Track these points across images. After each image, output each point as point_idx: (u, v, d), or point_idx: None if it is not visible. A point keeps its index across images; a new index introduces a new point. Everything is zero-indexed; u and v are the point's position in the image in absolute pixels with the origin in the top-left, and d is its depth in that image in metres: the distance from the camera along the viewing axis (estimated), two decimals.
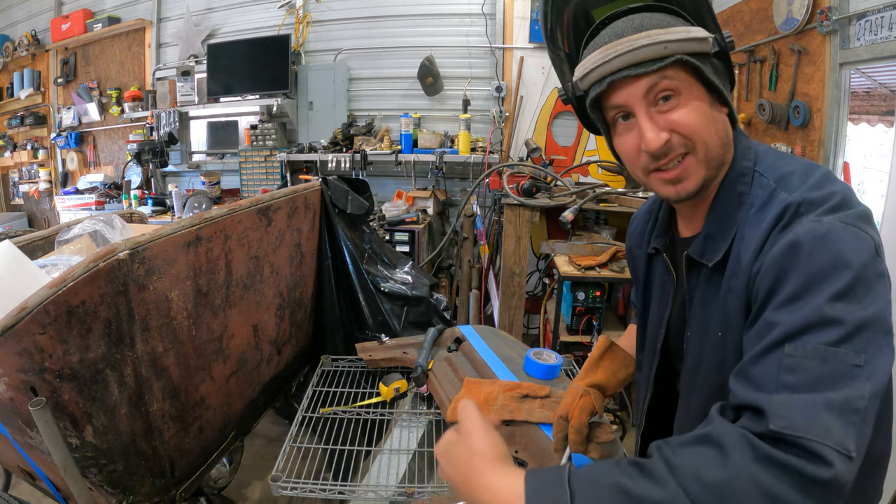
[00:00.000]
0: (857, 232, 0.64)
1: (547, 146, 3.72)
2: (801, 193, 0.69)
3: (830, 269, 0.61)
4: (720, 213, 0.77)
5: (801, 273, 0.62)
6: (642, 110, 0.75)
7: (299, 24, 3.96)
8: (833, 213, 0.65)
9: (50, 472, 1.27)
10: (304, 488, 1.18)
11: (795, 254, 0.63)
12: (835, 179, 0.72)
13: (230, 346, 1.52)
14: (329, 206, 1.99)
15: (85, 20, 4.62)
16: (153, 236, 1.18)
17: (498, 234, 3.12)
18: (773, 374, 0.59)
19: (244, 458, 2.19)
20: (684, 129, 0.73)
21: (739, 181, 0.77)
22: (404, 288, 2.13)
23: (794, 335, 0.59)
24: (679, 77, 0.73)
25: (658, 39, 0.71)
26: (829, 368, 0.57)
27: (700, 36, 0.73)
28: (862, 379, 0.57)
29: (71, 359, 1.05)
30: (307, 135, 4.04)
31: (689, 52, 0.72)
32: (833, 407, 0.55)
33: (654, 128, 0.74)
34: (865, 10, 1.95)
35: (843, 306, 0.59)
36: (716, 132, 0.75)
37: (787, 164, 0.76)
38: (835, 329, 0.58)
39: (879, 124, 2.12)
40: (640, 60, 0.72)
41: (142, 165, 4.44)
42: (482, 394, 1.38)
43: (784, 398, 0.56)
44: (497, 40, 3.66)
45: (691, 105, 0.73)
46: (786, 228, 0.67)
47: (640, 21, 0.74)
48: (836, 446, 0.53)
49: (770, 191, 0.73)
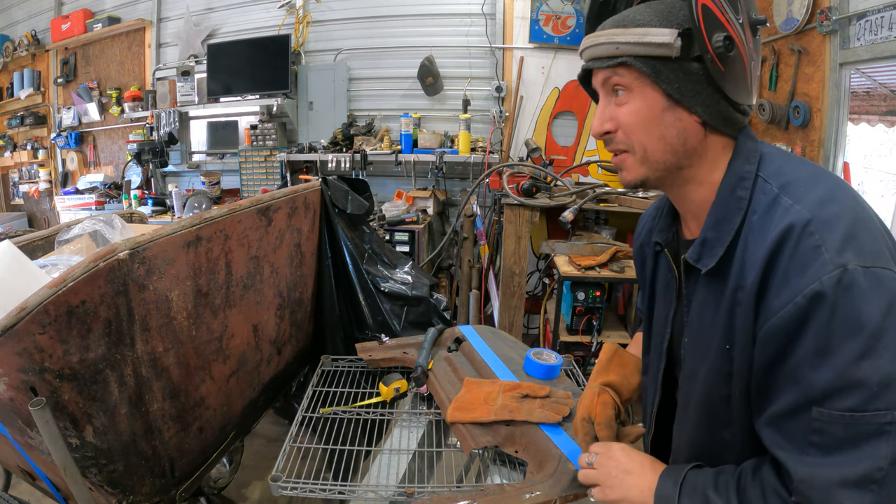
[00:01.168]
0: (880, 275, 0.62)
1: (547, 146, 3.72)
2: (810, 210, 0.66)
3: (854, 326, 0.61)
4: (718, 217, 0.76)
5: (826, 328, 0.62)
6: (602, 97, 0.81)
7: (299, 24, 3.96)
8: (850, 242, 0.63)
9: (50, 472, 1.27)
10: (304, 488, 1.18)
11: (819, 306, 0.62)
12: (843, 190, 0.70)
13: (230, 346, 1.52)
14: (329, 206, 1.99)
15: (85, 20, 4.62)
16: (153, 236, 1.18)
17: (498, 234, 3.12)
18: (801, 437, 0.65)
19: (244, 458, 2.19)
20: (623, 127, 0.78)
21: (739, 185, 0.75)
22: (404, 288, 2.13)
23: (821, 399, 0.62)
24: (629, 77, 0.76)
25: (611, 40, 0.76)
26: (852, 433, 0.61)
27: (656, 41, 0.72)
28: (889, 437, 0.60)
29: (71, 359, 1.05)
30: (307, 135, 4.04)
31: (641, 55, 0.74)
32: (848, 483, 0.61)
33: (600, 115, 0.81)
34: (865, 10, 1.95)
35: (869, 364, 0.60)
36: (660, 136, 0.76)
37: (793, 170, 0.74)
38: (859, 392, 0.60)
39: (879, 124, 2.12)
40: (597, 56, 0.78)
41: (142, 165, 4.44)
42: (482, 394, 1.38)
43: (807, 473, 0.63)
44: (497, 40, 3.66)
45: (636, 105, 0.76)
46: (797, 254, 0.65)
47: (627, 15, 0.77)
48: None
49: (773, 196, 0.71)
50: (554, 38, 3.57)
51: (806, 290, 0.63)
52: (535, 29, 3.56)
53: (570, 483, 1.10)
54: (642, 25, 0.74)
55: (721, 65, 0.72)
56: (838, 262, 0.62)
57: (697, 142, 0.77)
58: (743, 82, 0.75)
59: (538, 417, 1.27)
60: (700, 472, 0.78)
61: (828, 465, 0.62)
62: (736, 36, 0.72)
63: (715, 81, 0.73)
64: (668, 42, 0.72)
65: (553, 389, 1.38)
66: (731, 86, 0.74)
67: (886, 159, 2.16)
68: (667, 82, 0.74)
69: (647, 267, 1.00)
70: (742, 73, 0.74)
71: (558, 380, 1.48)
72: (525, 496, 1.06)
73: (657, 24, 0.73)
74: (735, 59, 0.73)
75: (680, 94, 0.74)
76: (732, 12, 0.72)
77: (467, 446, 1.25)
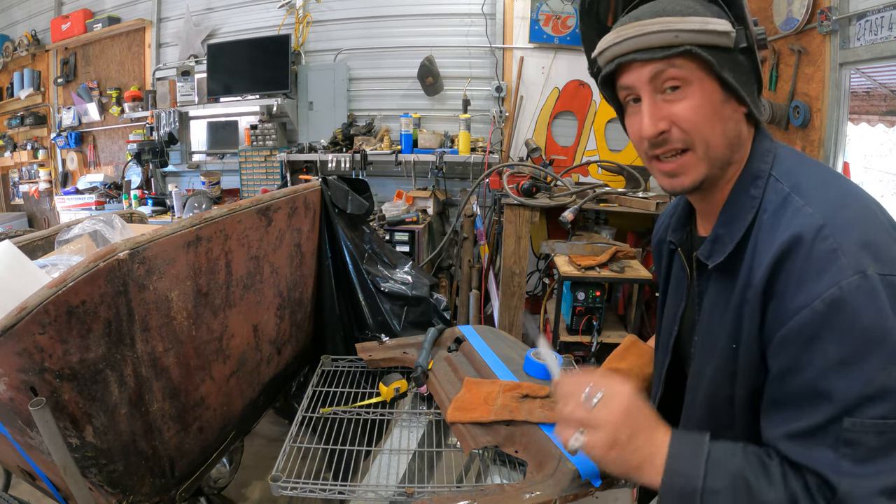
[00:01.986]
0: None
1: (547, 146, 3.72)
2: (822, 213, 0.65)
3: (879, 332, 0.60)
4: (731, 215, 0.75)
5: (849, 335, 0.61)
6: (647, 95, 0.74)
7: (299, 24, 3.96)
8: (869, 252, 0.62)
9: (50, 472, 1.27)
10: (304, 488, 1.18)
11: (840, 312, 0.61)
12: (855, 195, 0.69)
13: (230, 346, 1.52)
14: (329, 206, 1.99)
15: (85, 20, 4.62)
16: (153, 236, 1.18)
17: (498, 234, 3.12)
18: (833, 447, 0.62)
19: (244, 458, 2.19)
20: (685, 123, 0.72)
21: (753, 184, 0.74)
22: (404, 288, 2.13)
23: (852, 409, 0.60)
24: (688, 68, 0.71)
25: (669, 27, 0.70)
26: (886, 440, 0.59)
27: (719, 29, 0.70)
28: None
29: (71, 359, 1.05)
30: (307, 135, 4.04)
31: (703, 44, 0.70)
32: (888, 491, 0.59)
33: (653, 115, 0.73)
34: (865, 10, 1.96)
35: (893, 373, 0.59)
36: (722, 131, 0.73)
37: (805, 171, 0.73)
38: (891, 398, 0.59)
39: (879, 124, 2.12)
40: (648, 46, 0.71)
41: (142, 165, 4.45)
42: (482, 394, 1.38)
43: (850, 484, 0.60)
44: (497, 40, 3.66)
45: (698, 99, 0.71)
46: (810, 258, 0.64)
47: (663, 5, 0.72)
48: None
49: (784, 196, 0.70)
50: (554, 38, 3.57)
51: (825, 294, 0.61)
52: (535, 29, 3.56)
53: (571, 483, 1.10)
54: (691, 14, 0.70)
55: (756, 59, 0.74)
56: (858, 268, 0.61)
57: (745, 135, 0.76)
58: (759, 83, 0.76)
59: (538, 417, 1.27)
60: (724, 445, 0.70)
61: (867, 475, 0.60)
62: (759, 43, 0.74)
63: (756, 73, 0.74)
64: (728, 31, 0.70)
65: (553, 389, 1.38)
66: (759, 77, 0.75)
67: (886, 159, 2.16)
68: (728, 72, 0.71)
69: (662, 264, 0.99)
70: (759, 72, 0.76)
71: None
72: (525, 496, 1.06)
73: (706, 14, 0.71)
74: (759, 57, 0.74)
75: (736, 83, 0.72)
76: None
77: (467, 446, 1.25)
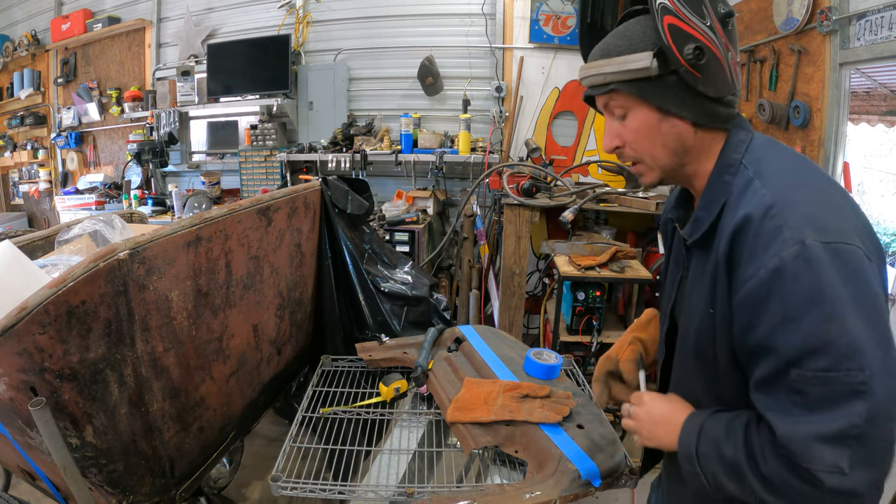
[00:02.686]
0: (839, 249, 0.70)
1: (547, 146, 3.72)
2: (773, 194, 0.76)
3: (816, 294, 0.68)
4: (708, 199, 0.86)
5: (789, 297, 0.70)
6: (606, 118, 0.93)
7: (299, 24, 3.96)
8: (811, 224, 0.71)
9: (50, 472, 1.27)
10: (304, 488, 1.18)
11: (780, 278, 0.70)
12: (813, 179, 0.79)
13: (230, 346, 1.52)
14: (329, 206, 1.99)
15: (85, 20, 4.62)
16: (153, 236, 1.18)
17: (498, 234, 3.12)
18: (785, 398, 0.72)
19: (244, 458, 2.19)
20: (629, 143, 0.90)
21: (727, 171, 0.85)
22: (404, 288, 2.13)
23: (796, 361, 0.70)
24: (622, 99, 0.87)
25: (599, 71, 0.87)
26: (829, 392, 0.68)
27: (636, 67, 0.82)
28: (865, 396, 0.66)
29: (71, 359, 1.05)
30: (307, 135, 4.04)
31: (627, 80, 0.84)
32: (825, 438, 0.68)
33: (608, 133, 0.92)
34: (865, 10, 1.95)
35: (835, 327, 0.67)
36: (662, 145, 0.87)
37: (772, 158, 0.83)
38: (830, 352, 0.67)
39: (879, 124, 2.12)
40: (591, 85, 0.90)
41: (142, 165, 4.44)
42: (482, 394, 1.38)
43: (787, 429, 0.71)
44: (497, 40, 3.66)
45: (635, 123, 0.87)
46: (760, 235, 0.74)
47: (609, 43, 0.87)
48: (827, 469, 0.68)
49: (747, 180, 0.81)
50: (554, 38, 3.57)
51: (768, 264, 0.71)
52: (535, 29, 3.56)
53: (571, 483, 1.10)
54: (623, 53, 0.84)
55: (696, 72, 0.81)
56: (797, 238, 0.70)
57: (693, 140, 0.87)
58: (722, 77, 0.83)
59: (538, 417, 1.27)
60: (716, 419, 0.84)
61: (807, 422, 0.69)
62: (706, 40, 0.80)
63: (693, 87, 0.82)
64: (645, 65, 0.81)
65: (553, 389, 1.38)
66: (710, 86, 0.82)
67: (886, 159, 2.16)
68: (654, 98, 0.84)
69: (667, 240, 1.11)
70: (719, 69, 0.82)
71: (558, 380, 1.48)
72: (525, 496, 1.06)
73: (636, 49, 0.83)
74: (709, 61, 0.80)
75: (668, 105, 0.83)
76: (698, 19, 0.80)
77: (467, 446, 1.25)
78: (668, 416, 0.92)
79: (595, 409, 1.34)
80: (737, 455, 0.77)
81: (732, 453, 0.78)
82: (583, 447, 1.19)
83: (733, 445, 0.78)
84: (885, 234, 2.26)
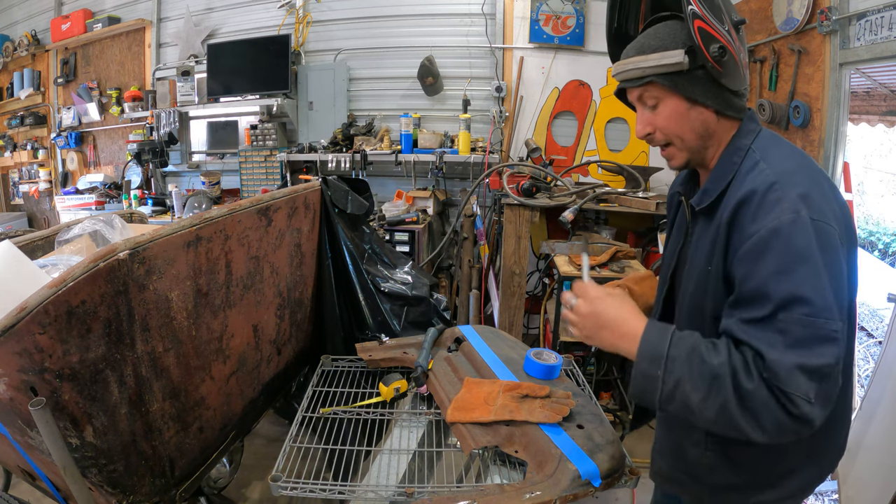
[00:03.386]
0: (822, 227, 0.86)
1: (547, 146, 3.72)
2: (776, 174, 0.91)
3: (804, 254, 0.83)
4: (718, 175, 1.01)
5: (783, 253, 0.84)
6: (638, 109, 1.07)
7: (299, 24, 3.96)
8: (805, 202, 0.86)
9: (50, 472, 1.27)
10: (304, 488, 1.19)
11: (777, 236, 0.85)
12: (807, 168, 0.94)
13: (230, 346, 1.52)
14: (329, 206, 1.99)
15: (85, 20, 4.62)
16: (153, 236, 1.18)
17: (498, 234, 3.12)
18: (773, 332, 0.84)
19: (244, 458, 2.19)
20: (661, 128, 1.04)
21: (736, 153, 1.00)
22: (404, 288, 2.13)
23: (784, 306, 0.83)
24: (656, 90, 1.01)
25: (637, 66, 1.00)
26: (810, 333, 0.82)
27: (671, 62, 0.96)
28: (837, 343, 0.82)
29: (71, 359, 1.05)
30: (307, 135, 4.04)
31: (662, 73, 0.98)
32: (805, 369, 0.81)
33: (641, 121, 1.06)
34: (865, 10, 1.95)
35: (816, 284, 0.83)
36: (690, 129, 1.01)
37: (775, 147, 0.98)
38: (810, 303, 0.82)
39: (879, 124, 2.12)
40: (628, 79, 1.03)
41: (142, 165, 4.44)
42: (482, 394, 1.38)
43: (776, 356, 0.82)
44: (497, 40, 3.66)
45: (667, 111, 1.01)
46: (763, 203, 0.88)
47: (642, 42, 1.01)
48: (803, 395, 0.80)
49: (754, 161, 0.96)
50: (554, 38, 3.57)
51: (769, 224, 0.86)
52: (535, 29, 3.56)
53: (571, 483, 1.10)
54: (658, 50, 0.98)
55: (719, 67, 0.95)
56: (794, 209, 0.86)
57: (715, 126, 1.02)
58: (737, 73, 0.98)
59: (538, 417, 1.27)
60: (689, 333, 0.92)
61: (792, 353, 0.81)
62: (726, 41, 0.94)
63: (717, 80, 0.97)
64: (679, 60, 0.96)
65: (553, 389, 1.38)
66: (729, 80, 0.97)
67: (886, 159, 2.16)
68: (684, 90, 0.98)
69: (671, 211, 1.25)
70: (735, 66, 0.97)
71: (558, 380, 1.48)
72: (525, 496, 1.06)
73: (668, 48, 0.97)
74: (728, 59, 0.95)
75: (696, 95, 0.98)
76: (719, 23, 0.94)
77: (467, 446, 1.25)
78: (619, 322, 0.97)
79: (595, 409, 1.34)
80: (721, 366, 0.85)
81: (717, 362, 0.85)
82: (583, 447, 1.19)
83: (718, 356, 0.86)
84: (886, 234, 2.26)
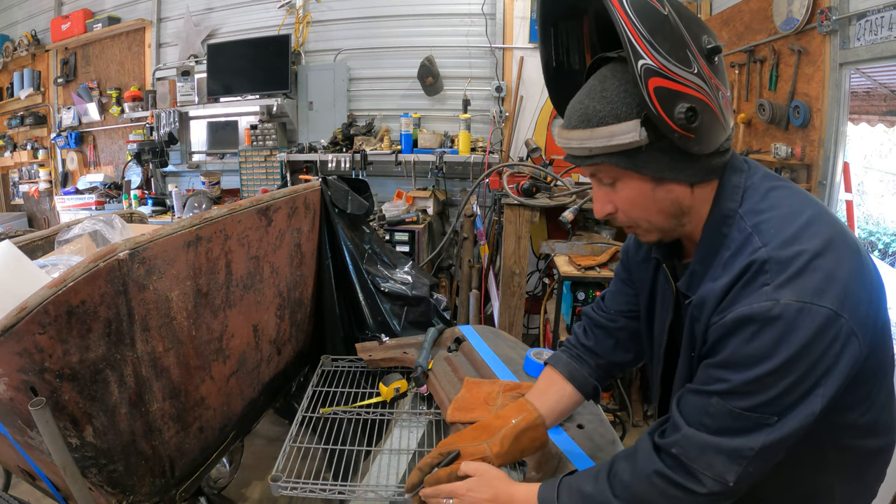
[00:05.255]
0: (812, 310, 0.68)
1: (547, 146, 3.72)
2: (769, 251, 0.73)
3: (768, 353, 0.70)
4: (705, 252, 0.82)
5: (746, 346, 0.72)
6: (594, 186, 0.86)
7: (299, 24, 3.96)
8: (794, 281, 0.70)
9: (50, 472, 1.27)
10: (304, 488, 1.18)
11: (746, 327, 0.71)
12: (815, 229, 0.74)
13: (230, 346, 1.52)
14: (329, 206, 1.99)
15: (85, 20, 4.62)
16: (153, 236, 1.18)
17: (498, 234, 3.12)
18: (698, 412, 0.77)
19: (244, 458, 2.19)
20: (623, 210, 0.84)
21: (724, 223, 0.80)
22: (404, 288, 2.13)
23: (724, 394, 0.74)
24: (611, 171, 0.80)
25: (582, 144, 0.79)
26: (736, 424, 0.74)
27: (623, 141, 0.74)
28: (764, 432, 0.72)
29: (71, 359, 1.05)
30: (307, 135, 4.04)
31: (614, 153, 0.76)
32: (721, 451, 0.74)
33: (599, 200, 0.85)
34: (865, 10, 1.95)
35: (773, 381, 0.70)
36: (658, 211, 0.81)
37: (771, 206, 0.77)
38: (753, 398, 0.72)
39: (879, 124, 2.12)
40: (573, 155, 0.82)
41: (142, 165, 4.44)
42: (482, 394, 1.38)
43: (692, 433, 0.77)
44: (497, 40, 3.66)
45: (629, 193, 0.81)
46: (747, 286, 0.73)
47: (586, 106, 0.78)
48: (713, 476, 0.75)
49: (746, 235, 0.76)
50: None
51: (739, 309, 0.72)
52: (535, 29, 3.55)
53: None
54: (606, 121, 0.75)
55: (690, 133, 0.72)
56: (773, 297, 0.70)
57: (690, 200, 0.82)
58: (717, 127, 0.76)
59: None
60: (577, 474, 0.90)
61: (710, 436, 0.75)
62: (696, 92, 0.72)
63: (689, 151, 0.74)
64: (634, 139, 0.74)
65: None
66: (705, 143, 0.75)
67: (886, 159, 2.16)
68: (647, 169, 0.77)
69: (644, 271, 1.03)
70: (713, 120, 0.74)
71: None
72: None
73: (620, 117, 0.74)
74: (702, 118, 0.72)
75: (662, 173, 0.77)
76: (685, 69, 0.71)
77: None
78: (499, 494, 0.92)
79: (595, 409, 1.34)
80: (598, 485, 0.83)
81: (593, 487, 0.84)
82: (583, 447, 1.19)
83: (594, 480, 0.85)
84: (886, 234, 2.26)
